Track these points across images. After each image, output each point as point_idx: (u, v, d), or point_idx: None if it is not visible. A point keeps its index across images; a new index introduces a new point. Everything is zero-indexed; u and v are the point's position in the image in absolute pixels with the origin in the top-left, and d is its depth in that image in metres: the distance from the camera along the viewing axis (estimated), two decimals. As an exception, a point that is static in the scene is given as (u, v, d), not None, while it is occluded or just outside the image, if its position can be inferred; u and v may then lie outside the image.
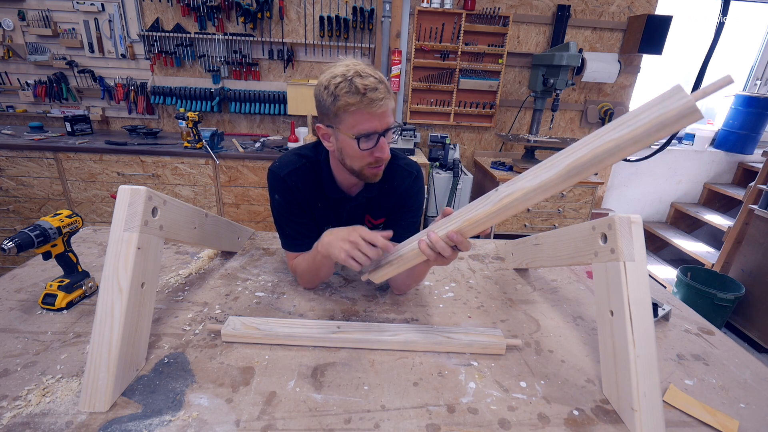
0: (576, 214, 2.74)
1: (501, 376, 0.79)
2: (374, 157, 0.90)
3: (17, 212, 2.56)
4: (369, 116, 0.85)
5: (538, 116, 2.77)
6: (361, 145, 0.88)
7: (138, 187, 0.74)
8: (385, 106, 0.86)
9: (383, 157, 0.91)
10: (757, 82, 3.41)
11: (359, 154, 0.90)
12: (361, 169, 0.94)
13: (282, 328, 0.86)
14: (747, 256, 2.58)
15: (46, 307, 0.92)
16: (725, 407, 0.75)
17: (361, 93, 0.82)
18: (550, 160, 0.65)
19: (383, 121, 0.87)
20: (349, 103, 0.83)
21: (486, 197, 0.72)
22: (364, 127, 0.86)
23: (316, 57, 2.90)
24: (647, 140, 0.56)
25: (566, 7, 2.84)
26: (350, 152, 0.91)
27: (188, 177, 2.54)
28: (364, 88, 0.82)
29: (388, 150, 0.92)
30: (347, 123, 0.87)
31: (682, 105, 0.53)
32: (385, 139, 0.90)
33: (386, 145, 0.91)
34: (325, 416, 0.67)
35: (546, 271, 1.26)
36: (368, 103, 0.83)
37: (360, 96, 0.83)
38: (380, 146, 0.89)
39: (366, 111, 0.84)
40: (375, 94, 0.83)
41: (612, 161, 0.60)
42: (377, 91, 0.83)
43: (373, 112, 0.84)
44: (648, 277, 0.73)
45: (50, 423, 0.63)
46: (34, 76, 2.83)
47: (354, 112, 0.85)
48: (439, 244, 0.76)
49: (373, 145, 0.88)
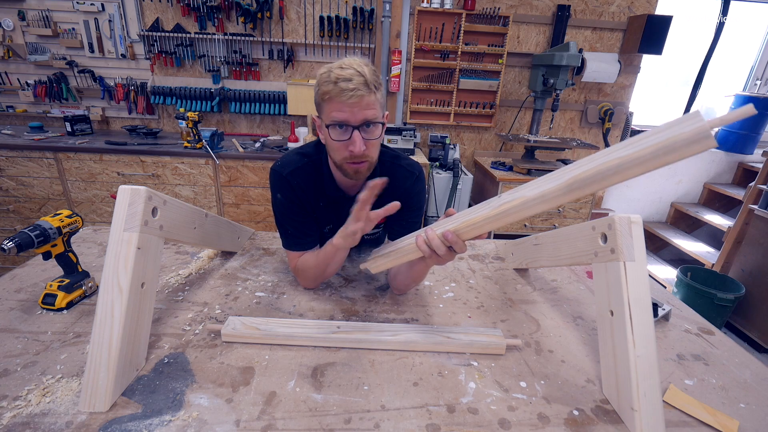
0: (576, 214, 2.74)
1: (501, 376, 0.79)
2: (348, 150, 0.90)
3: (17, 212, 2.56)
4: (340, 105, 0.86)
5: (538, 116, 2.77)
6: (332, 134, 0.89)
7: (138, 187, 0.74)
8: (357, 98, 0.85)
9: (355, 152, 0.89)
10: (757, 82, 3.41)
11: (335, 146, 0.91)
12: (341, 164, 0.94)
13: (282, 328, 0.86)
14: (747, 256, 2.58)
15: (46, 307, 0.92)
16: (725, 407, 0.75)
17: (333, 82, 0.85)
18: (555, 173, 0.64)
19: (357, 114, 0.87)
20: (325, 92, 0.86)
21: (487, 202, 0.73)
22: (336, 117, 0.87)
23: (316, 57, 2.90)
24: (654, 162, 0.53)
25: (566, 7, 2.84)
26: (329, 143, 0.93)
27: (188, 177, 2.54)
28: (336, 78, 0.84)
29: (361, 145, 0.89)
30: (325, 112, 0.90)
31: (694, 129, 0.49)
32: (359, 133, 0.88)
33: (359, 139, 0.88)
34: (325, 416, 0.67)
35: (546, 271, 1.26)
36: (339, 92, 0.85)
37: (332, 85, 0.85)
38: (353, 139, 0.88)
39: (337, 100, 0.86)
40: (346, 84, 0.84)
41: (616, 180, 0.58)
42: (350, 82, 0.84)
43: (343, 102, 0.85)
44: (648, 277, 0.73)
45: (50, 423, 0.63)
46: (34, 76, 2.83)
47: (329, 100, 0.87)
48: (435, 242, 0.77)
49: (346, 137, 0.89)
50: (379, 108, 0.91)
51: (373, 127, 0.91)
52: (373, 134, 0.91)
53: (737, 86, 3.51)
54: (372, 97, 0.88)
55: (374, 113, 0.89)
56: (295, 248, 1.07)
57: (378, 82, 0.90)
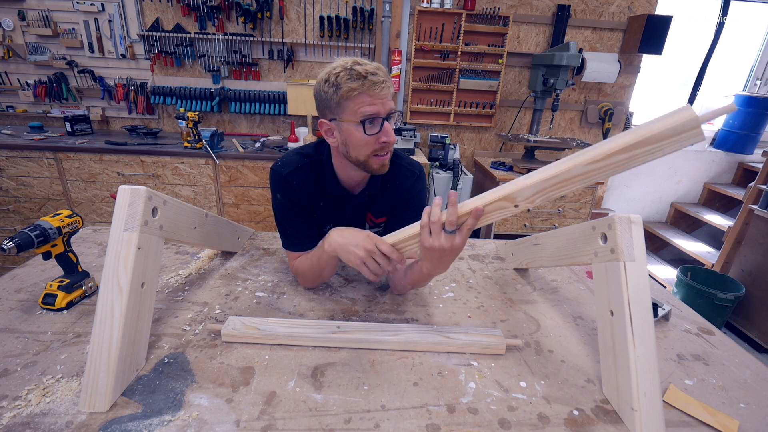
0: (576, 214, 2.74)
1: (501, 376, 0.79)
2: (380, 142, 0.90)
3: (17, 212, 2.56)
4: (371, 99, 0.86)
5: (538, 116, 2.77)
6: (367, 129, 0.88)
7: (138, 187, 0.74)
8: (387, 90, 0.88)
9: (390, 141, 0.91)
10: (757, 82, 3.41)
11: (364, 141, 0.90)
12: (367, 159, 0.93)
13: (282, 328, 0.86)
14: (747, 256, 2.58)
15: (46, 307, 0.92)
16: (725, 407, 0.75)
17: (363, 77, 0.85)
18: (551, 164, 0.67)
19: (386, 105, 0.88)
20: (352, 89, 0.85)
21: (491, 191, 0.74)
22: (368, 111, 0.87)
23: (316, 57, 2.90)
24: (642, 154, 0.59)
25: (566, 7, 2.84)
26: (355, 141, 0.91)
27: (188, 177, 2.54)
28: (365, 72, 0.85)
29: (393, 134, 0.91)
30: (350, 110, 0.88)
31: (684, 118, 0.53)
32: (389, 123, 0.90)
33: (391, 129, 0.91)
34: (325, 416, 0.67)
35: (546, 271, 1.26)
36: (370, 86, 0.85)
37: (362, 80, 0.85)
38: (385, 130, 0.90)
39: (368, 94, 0.86)
40: (376, 78, 0.85)
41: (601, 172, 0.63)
42: (377, 75, 0.86)
43: (375, 95, 0.86)
44: (648, 277, 0.73)
45: (50, 423, 0.63)
46: (34, 76, 2.83)
47: (356, 97, 0.86)
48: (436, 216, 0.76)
49: (378, 129, 0.89)
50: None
51: (394, 117, 0.92)
52: (394, 122, 0.93)
53: (737, 86, 3.51)
54: (392, 89, 0.91)
55: (393, 103, 0.92)
56: (294, 248, 1.07)
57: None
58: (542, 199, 0.70)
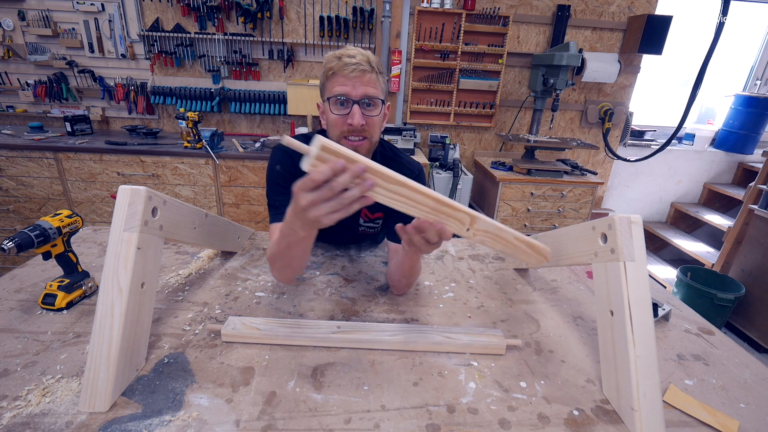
0: (576, 214, 2.74)
1: (501, 376, 0.79)
2: (347, 124, 0.93)
3: (17, 212, 2.56)
4: (344, 80, 0.91)
5: (538, 116, 2.77)
6: (333, 108, 0.92)
7: (138, 187, 0.73)
8: (359, 73, 0.90)
9: (354, 124, 0.92)
10: (757, 82, 3.41)
11: (334, 121, 0.94)
12: (339, 141, 0.95)
13: (282, 328, 0.86)
14: (747, 256, 2.58)
15: (46, 307, 0.92)
16: (725, 407, 0.75)
17: (338, 58, 0.91)
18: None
19: (358, 89, 0.91)
20: (329, 68, 0.92)
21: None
22: (338, 90, 0.91)
23: (316, 57, 2.90)
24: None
25: (566, 7, 2.84)
26: (329, 120, 0.96)
27: (188, 177, 2.54)
28: (341, 55, 0.91)
29: (360, 118, 0.92)
30: (328, 89, 0.94)
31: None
32: (358, 107, 0.92)
33: (358, 112, 0.92)
34: (325, 416, 0.67)
35: (546, 271, 1.26)
36: (342, 66, 0.90)
37: (336, 60, 0.90)
38: (352, 113, 0.92)
39: (341, 74, 0.90)
40: (349, 59, 0.89)
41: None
42: (353, 58, 0.90)
43: (346, 76, 0.90)
44: (648, 277, 0.73)
45: (50, 423, 0.63)
46: (34, 76, 2.83)
47: (332, 77, 0.92)
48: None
49: (346, 111, 0.92)
50: (381, 90, 0.95)
51: (373, 105, 0.94)
52: (373, 111, 0.95)
53: (737, 86, 3.51)
54: (373, 76, 0.93)
55: (375, 91, 0.94)
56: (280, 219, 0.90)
57: (381, 67, 0.95)
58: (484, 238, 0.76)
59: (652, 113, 3.56)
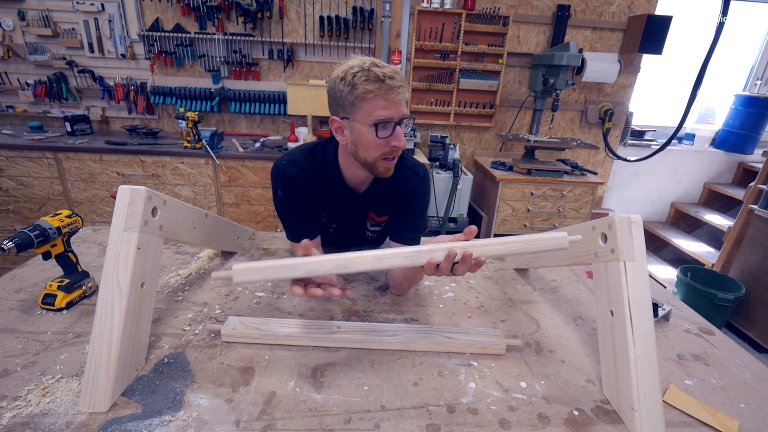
0: (576, 214, 2.74)
1: (501, 376, 0.79)
2: (390, 146, 0.91)
3: (17, 212, 2.56)
4: (386, 103, 0.87)
5: (538, 116, 2.77)
6: (379, 132, 0.88)
7: (138, 187, 0.73)
8: (402, 95, 0.88)
9: (399, 146, 0.91)
10: (757, 82, 3.41)
11: (375, 144, 0.90)
12: (375, 161, 0.94)
13: (282, 328, 0.86)
14: (747, 256, 2.58)
15: (46, 307, 0.92)
16: (725, 407, 0.75)
17: (380, 80, 0.84)
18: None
19: (399, 110, 0.89)
20: (368, 90, 0.85)
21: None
22: (382, 114, 0.87)
23: (316, 57, 2.90)
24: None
25: (566, 7, 2.84)
26: (366, 142, 0.91)
27: (188, 177, 2.54)
28: (383, 75, 0.85)
29: (403, 139, 0.92)
30: (364, 111, 0.88)
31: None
32: (401, 128, 0.91)
33: (402, 134, 0.91)
34: (325, 416, 0.67)
35: (546, 271, 1.26)
36: (387, 90, 0.85)
37: (379, 83, 0.85)
38: (396, 135, 0.90)
39: (384, 98, 0.86)
40: (393, 82, 0.85)
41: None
42: (394, 80, 0.86)
43: (390, 99, 0.86)
44: (648, 277, 0.73)
45: (50, 423, 0.63)
46: (34, 76, 2.83)
47: (372, 99, 0.86)
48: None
49: (389, 133, 0.89)
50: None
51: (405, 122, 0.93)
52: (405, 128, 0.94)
53: (737, 86, 3.51)
54: (407, 94, 0.93)
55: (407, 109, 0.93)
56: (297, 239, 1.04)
57: None
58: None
59: (652, 113, 3.55)
